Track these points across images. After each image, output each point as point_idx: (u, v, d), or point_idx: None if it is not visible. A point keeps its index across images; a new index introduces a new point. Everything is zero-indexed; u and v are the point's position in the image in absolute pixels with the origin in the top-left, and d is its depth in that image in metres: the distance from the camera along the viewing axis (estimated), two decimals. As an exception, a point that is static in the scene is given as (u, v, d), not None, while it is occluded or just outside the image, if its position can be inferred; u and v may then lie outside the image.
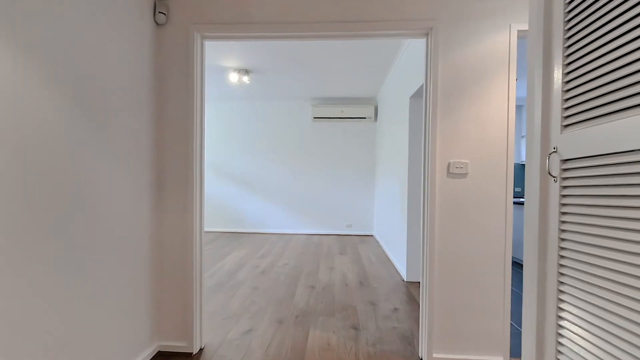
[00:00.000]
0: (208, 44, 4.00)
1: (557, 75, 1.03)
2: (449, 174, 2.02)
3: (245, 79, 4.82)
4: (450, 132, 2.01)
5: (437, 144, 2.02)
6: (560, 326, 1.00)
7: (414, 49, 3.58)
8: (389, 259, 4.68)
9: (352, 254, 5.07)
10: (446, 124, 2.02)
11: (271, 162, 6.74)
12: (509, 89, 1.97)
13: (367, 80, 5.36)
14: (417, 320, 2.74)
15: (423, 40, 2.75)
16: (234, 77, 4.77)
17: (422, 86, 3.37)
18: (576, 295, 0.94)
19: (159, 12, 2.06)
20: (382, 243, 5.58)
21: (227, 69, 4.82)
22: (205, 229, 6.85)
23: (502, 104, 1.98)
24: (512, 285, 3.42)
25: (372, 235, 6.60)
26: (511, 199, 1.98)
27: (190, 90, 2.11)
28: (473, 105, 2.00)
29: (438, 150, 2.02)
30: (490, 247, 2.01)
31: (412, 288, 3.52)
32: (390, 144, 4.87)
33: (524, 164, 4.86)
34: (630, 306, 0.76)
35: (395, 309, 2.96)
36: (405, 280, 3.74)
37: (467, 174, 2.01)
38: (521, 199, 4.85)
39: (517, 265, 4.50)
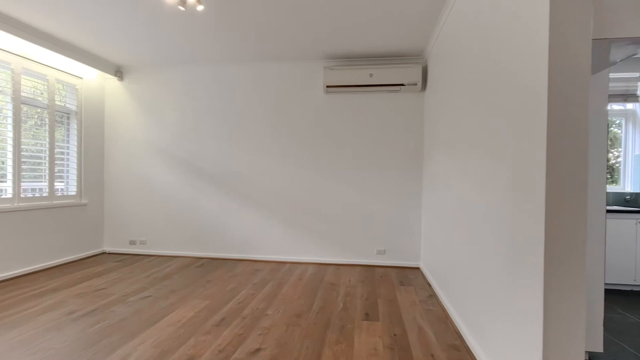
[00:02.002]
0: None
1: None
2: None
3: (193, -1, 2.65)
4: None
5: None
6: None
7: None
8: (464, 344, 2.35)
9: (388, 316, 2.78)
10: None
11: (263, 157, 4.55)
12: None
13: (412, 19, 3.06)
14: None
15: None
16: (171, -3, 2.62)
17: None
18: None
19: None
20: (439, 291, 3.24)
21: (162, -15, 2.69)
22: (169, 254, 4.76)
23: None
24: None
25: (418, 268, 4.26)
26: None
27: None
28: None
29: None
30: None
31: None
32: (481, 112, 2.54)
33: None
34: None
35: None
36: None
37: None
38: None
39: None
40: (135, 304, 2.98)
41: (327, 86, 4.20)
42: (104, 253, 4.85)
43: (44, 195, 4.06)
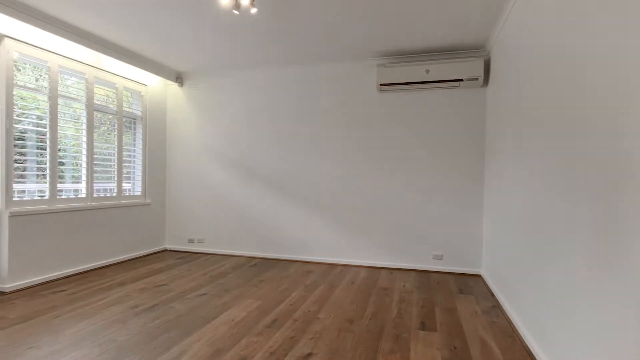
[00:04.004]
0: None
1: None
2: None
3: (246, 1, 2.68)
4: None
5: None
6: None
7: None
8: (534, 361, 2.12)
9: (447, 327, 2.59)
10: None
11: (316, 158, 4.52)
12: None
13: (472, 5, 2.85)
14: None
15: None
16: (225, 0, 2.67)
17: None
18: None
19: None
20: (505, 302, 2.97)
21: (217, -10, 2.75)
22: (224, 252, 4.90)
23: None
24: None
25: (479, 276, 3.97)
26: None
27: None
28: None
29: None
30: None
31: None
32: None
33: None
34: None
35: None
36: None
37: None
38: None
39: None
40: (193, 301, 3.07)
41: (381, 84, 4.06)
42: (165, 250, 5.12)
43: (113, 195, 4.36)
